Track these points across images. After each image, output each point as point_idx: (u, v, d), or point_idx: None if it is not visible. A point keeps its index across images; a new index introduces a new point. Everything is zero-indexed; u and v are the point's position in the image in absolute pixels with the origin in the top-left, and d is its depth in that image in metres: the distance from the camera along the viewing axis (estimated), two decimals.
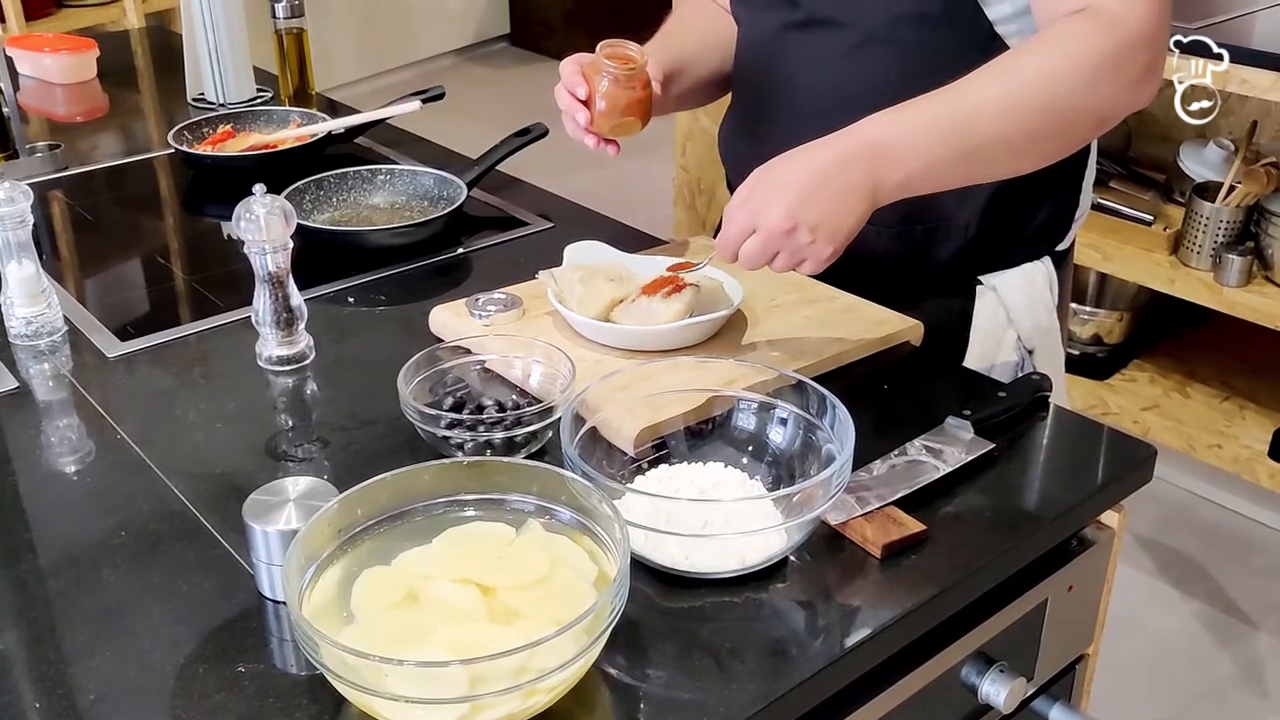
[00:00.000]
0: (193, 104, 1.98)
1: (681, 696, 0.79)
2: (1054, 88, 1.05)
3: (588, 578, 0.80)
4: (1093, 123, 1.10)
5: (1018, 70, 1.06)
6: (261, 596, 0.87)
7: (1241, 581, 2.29)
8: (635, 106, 1.21)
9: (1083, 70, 1.05)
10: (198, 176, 1.70)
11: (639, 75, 1.21)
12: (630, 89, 1.20)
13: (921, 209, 1.24)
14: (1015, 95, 1.05)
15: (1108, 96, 1.07)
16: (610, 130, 1.22)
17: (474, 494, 0.87)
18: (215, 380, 1.17)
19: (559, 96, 1.24)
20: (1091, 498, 1.00)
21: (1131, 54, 1.05)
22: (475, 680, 0.70)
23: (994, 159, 1.09)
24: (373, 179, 1.55)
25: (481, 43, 5.56)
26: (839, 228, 1.03)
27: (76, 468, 1.04)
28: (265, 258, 1.14)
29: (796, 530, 0.88)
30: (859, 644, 0.83)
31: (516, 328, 1.18)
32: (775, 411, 0.98)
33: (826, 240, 1.03)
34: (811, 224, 1.02)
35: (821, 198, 1.02)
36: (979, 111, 1.05)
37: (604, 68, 1.20)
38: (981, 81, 1.06)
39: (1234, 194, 2.35)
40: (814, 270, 1.07)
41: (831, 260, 1.05)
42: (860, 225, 1.05)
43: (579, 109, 1.21)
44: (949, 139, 1.05)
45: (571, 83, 1.22)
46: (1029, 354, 1.29)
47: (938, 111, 1.05)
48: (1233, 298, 2.34)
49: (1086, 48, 1.04)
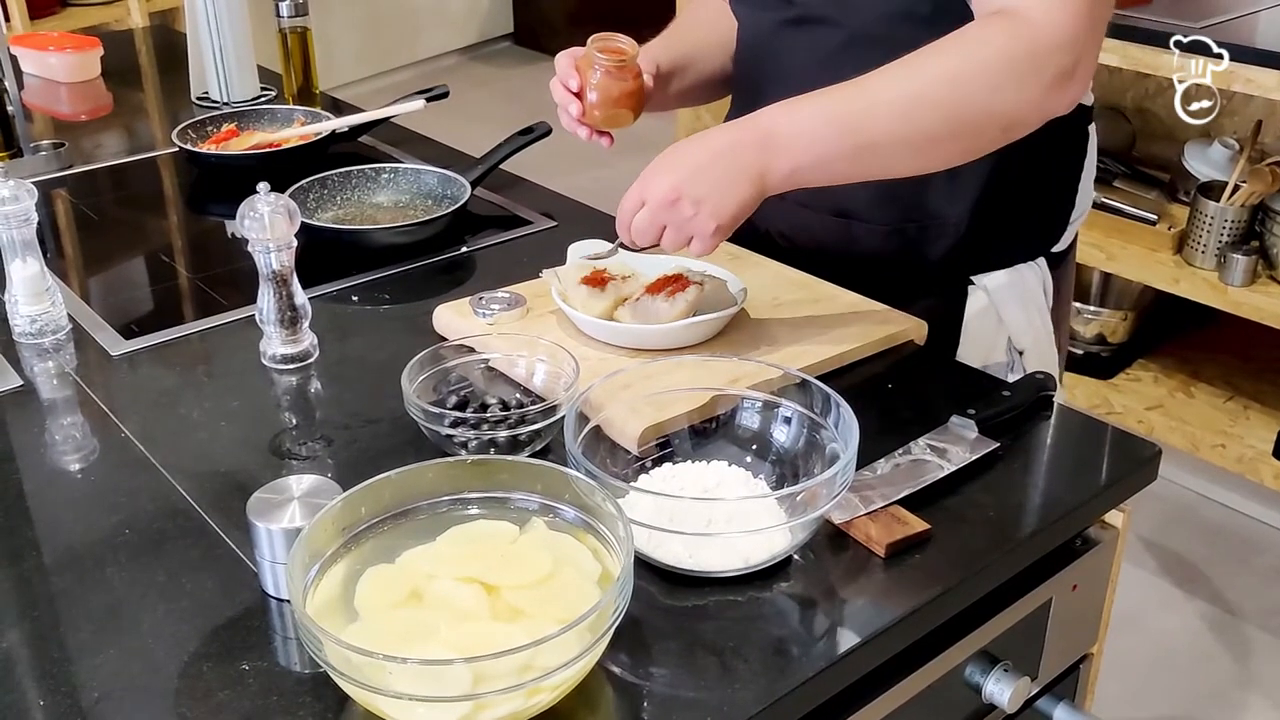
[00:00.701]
0: (196, 103, 1.98)
1: (685, 695, 0.79)
2: (955, 89, 1.04)
3: (591, 576, 0.80)
4: (999, 127, 1.07)
5: (920, 69, 1.05)
6: (265, 594, 0.87)
7: (1244, 582, 2.29)
8: (626, 98, 1.22)
9: (987, 73, 1.03)
10: (201, 175, 1.70)
11: (630, 67, 1.22)
12: (621, 80, 1.22)
13: (913, 207, 1.25)
14: (914, 94, 1.04)
15: (1014, 102, 1.04)
16: (602, 121, 1.24)
17: (478, 492, 0.87)
18: (219, 379, 1.17)
19: (554, 90, 1.26)
20: (1096, 497, 1.00)
21: (1044, 59, 1.03)
22: (479, 678, 0.70)
23: (889, 156, 1.08)
24: (376, 178, 1.55)
25: (484, 42, 5.57)
26: (722, 205, 1.05)
27: (80, 466, 1.04)
28: (269, 256, 1.14)
29: (800, 529, 0.88)
30: (862, 643, 0.83)
31: (520, 326, 1.18)
32: (779, 410, 0.98)
33: (710, 215, 1.05)
34: (695, 198, 1.05)
35: (709, 176, 1.05)
36: (876, 109, 1.05)
37: (595, 60, 1.21)
38: (883, 79, 1.06)
39: (1239, 193, 2.35)
40: (702, 250, 1.08)
41: (717, 239, 1.07)
42: (746, 208, 1.07)
43: (572, 101, 1.23)
44: (842, 135, 1.05)
45: (565, 75, 1.24)
46: (1019, 355, 1.29)
47: (835, 107, 1.06)
48: (1237, 297, 2.34)
49: (994, 51, 1.03)
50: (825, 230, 1.29)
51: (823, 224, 1.28)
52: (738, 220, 1.07)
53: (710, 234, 1.07)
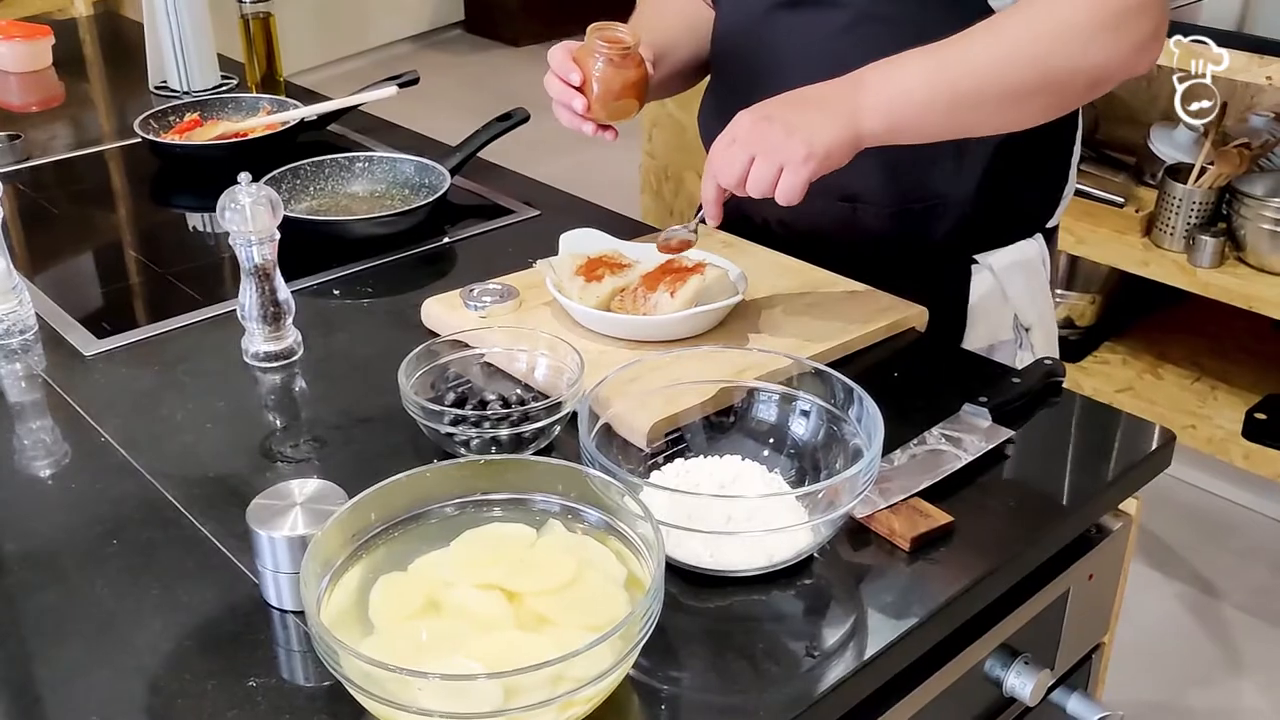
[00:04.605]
0: (155, 92, 1.91)
1: (718, 700, 0.76)
2: (1049, 44, 1.03)
3: (617, 580, 0.77)
4: (1087, 83, 1.08)
5: (1014, 27, 1.04)
6: (267, 605, 0.83)
7: (1222, 562, 2.30)
8: (632, 88, 1.18)
9: (1080, 31, 1.03)
10: (165, 166, 1.64)
11: (633, 55, 1.17)
12: (625, 70, 1.17)
13: (918, 186, 1.22)
14: (1009, 50, 1.04)
15: (1104, 58, 1.04)
16: (609, 115, 1.18)
17: (490, 494, 0.83)
18: (200, 378, 1.12)
19: (549, 85, 1.20)
20: (1115, 484, 0.98)
21: (1133, 18, 1.03)
22: (510, 692, 0.67)
23: (982, 110, 1.07)
24: (350, 167, 1.50)
25: (437, 30, 5.48)
26: (816, 134, 1.02)
27: (59, 473, 0.99)
28: (251, 249, 1.09)
29: (825, 527, 0.85)
30: (897, 640, 0.80)
31: (514, 319, 1.14)
32: (797, 403, 0.95)
33: (803, 141, 1.02)
34: (788, 123, 1.02)
35: (802, 110, 1.03)
36: (971, 62, 1.04)
37: (597, 50, 1.16)
38: (977, 36, 1.05)
39: (1206, 175, 2.36)
40: (790, 187, 1.03)
41: (808, 170, 1.02)
42: (839, 149, 1.03)
43: (574, 96, 1.18)
44: (937, 84, 1.04)
45: (564, 69, 1.18)
46: (1026, 332, 1.27)
47: (928, 59, 1.05)
48: (1206, 279, 2.34)
49: (1085, 10, 1.02)
50: (828, 216, 1.26)
51: (826, 209, 1.25)
52: (829, 158, 1.03)
53: (802, 162, 1.01)
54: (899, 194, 1.22)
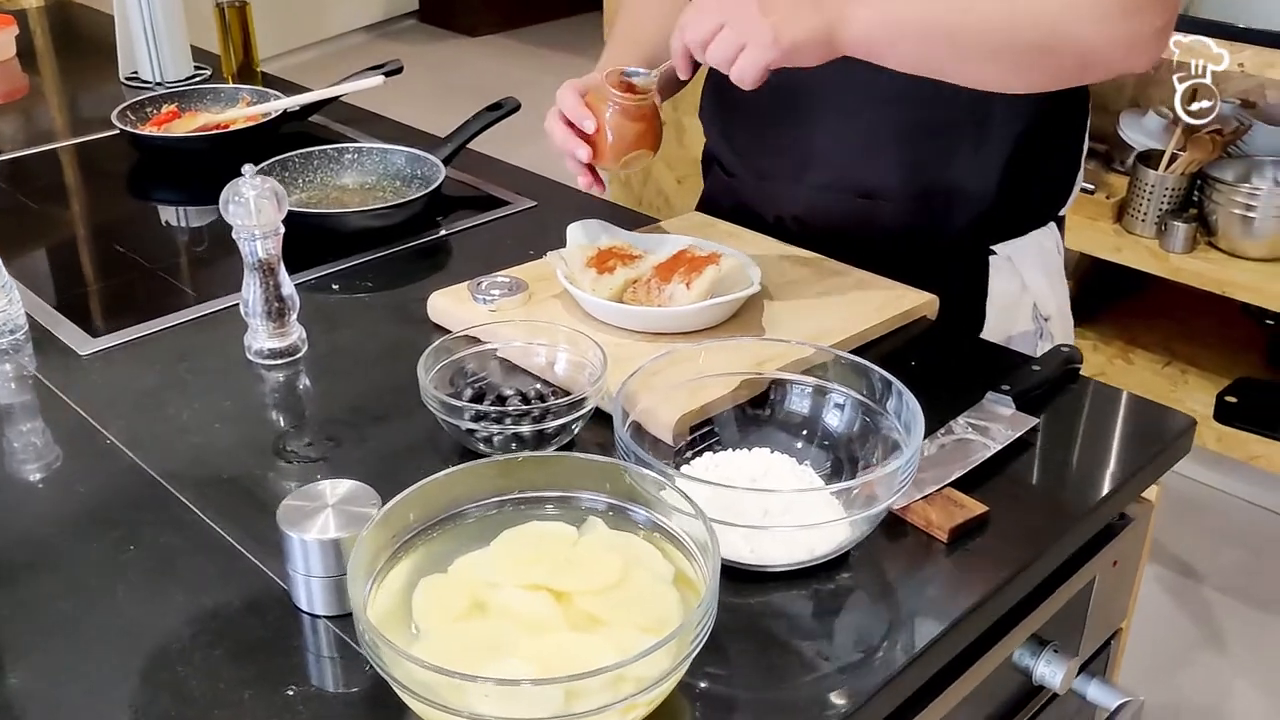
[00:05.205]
0: (125, 83, 1.87)
1: (771, 698, 0.74)
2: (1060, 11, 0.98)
3: (665, 577, 0.75)
4: (1077, 63, 1.03)
5: None
6: (297, 610, 0.81)
7: (1196, 544, 2.33)
8: (647, 137, 1.12)
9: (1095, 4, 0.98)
10: (145, 159, 1.59)
11: (648, 104, 1.11)
12: (639, 120, 1.11)
13: (936, 181, 1.21)
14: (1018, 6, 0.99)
15: (1106, 40, 1.00)
16: (622, 165, 1.12)
17: (526, 492, 0.81)
18: (204, 376, 1.08)
19: (552, 130, 1.13)
20: (1141, 470, 0.98)
21: (1146, 8, 1.00)
22: (571, 696, 0.65)
23: (968, 61, 1.03)
24: (339, 158, 1.47)
25: (391, 19, 5.42)
26: (788, 24, 0.98)
27: (64, 477, 0.96)
28: (255, 244, 1.06)
29: (865, 522, 0.84)
30: (944, 633, 0.79)
31: (525, 312, 1.12)
32: (831, 395, 0.94)
33: (772, 27, 0.97)
34: (766, 3, 0.97)
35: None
36: (977, 10, 0.99)
37: (611, 99, 1.10)
38: None
39: (1178, 161, 2.38)
40: (747, 67, 0.99)
41: (769, 58, 0.99)
42: (811, 46, 0.99)
43: (578, 145, 1.11)
44: (934, 23, 1.00)
45: (577, 115, 1.11)
46: (1045, 321, 1.27)
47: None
48: (1179, 264, 2.37)
49: None
50: (846, 212, 1.24)
51: (844, 206, 1.24)
52: (796, 53, 0.99)
53: (766, 46, 0.98)
54: (919, 189, 1.20)
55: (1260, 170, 2.39)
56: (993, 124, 1.19)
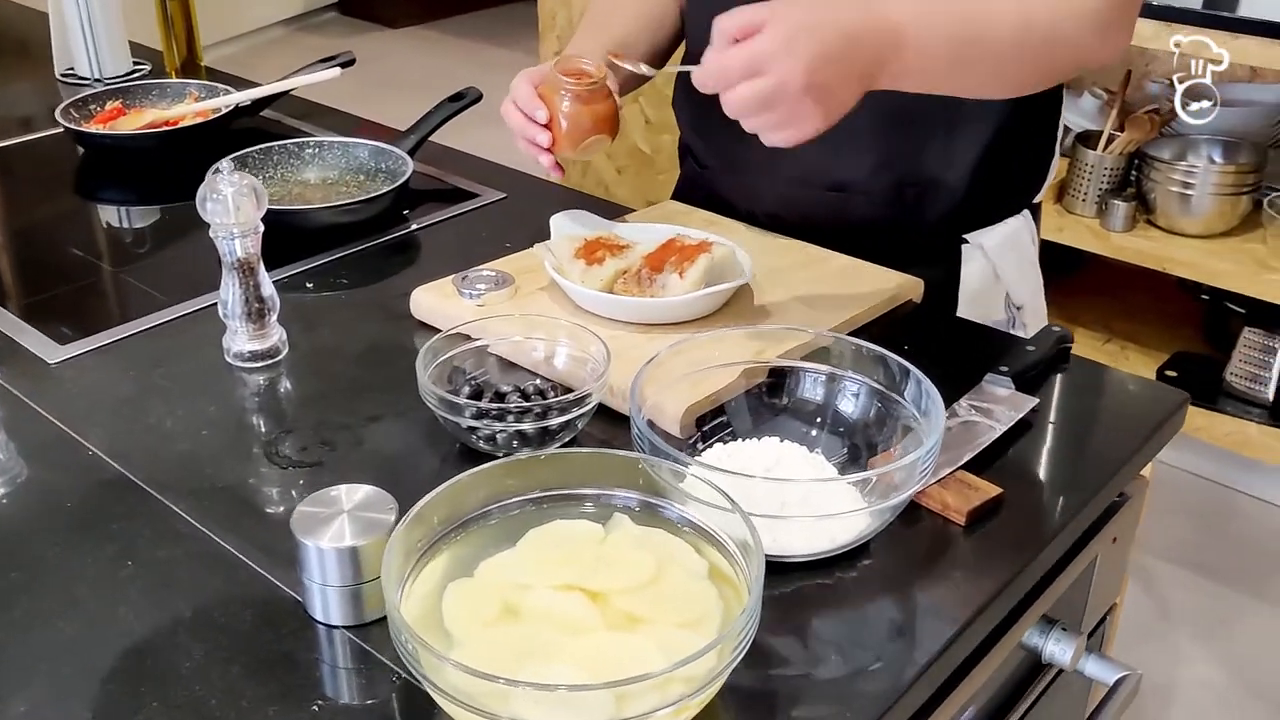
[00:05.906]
0: (61, 79, 1.79)
1: (812, 689, 0.73)
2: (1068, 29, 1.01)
3: (699, 573, 0.74)
4: (1074, 69, 1.08)
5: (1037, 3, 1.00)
6: (313, 621, 0.78)
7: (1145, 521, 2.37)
8: (602, 123, 1.14)
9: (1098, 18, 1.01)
10: (91, 158, 1.53)
11: (601, 89, 1.13)
12: (593, 105, 1.13)
13: (911, 172, 1.21)
14: (1031, 29, 1.00)
15: (1097, 44, 1.03)
16: (579, 151, 1.14)
17: (547, 490, 0.79)
18: (183, 381, 1.04)
19: (509, 116, 1.15)
20: (1142, 448, 0.99)
21: (1131, 11, 1.03)
22: (622, 699, 0.63)
23: (981, 74, 1.03)
24: (300, 153, 1.43)
25: (310, 12, 5.31)
26: (836, 108, 0.93)
27: (50, 493, 0.91)
28: (234, 242, 1.02)
29: (888, 511, 0.83)
30: (973, 617, 0.79)
31: (513, 306, 1.10)
32: (845, 382, 0.93)
33: (824, 117, 0.92)
34: (821, 93, 0.91)
35: (837, 69, 0.91)
36: (994, 30, 0.99)
37: (563, 86, 1.12)
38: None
39: (1117, 141, 2.42)
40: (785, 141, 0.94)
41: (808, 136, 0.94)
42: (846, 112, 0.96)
43: (537, 131, 1.13)
44: (960, 52, 0.99)
45: (529, 105, 1.13)
46: (1019, 310, 1.28)
47: (953, 19, 0.98)
48: (1120, 242, 2.41)
49: None
50: (819, 205, 1.24)
51: (817, 199, 1.23)
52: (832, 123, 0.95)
53: (811, 133, 0.93)
54: (891, 181, 1.20)
55: (1196, 148, 2.43)
56: (965, 115, 1.19)
